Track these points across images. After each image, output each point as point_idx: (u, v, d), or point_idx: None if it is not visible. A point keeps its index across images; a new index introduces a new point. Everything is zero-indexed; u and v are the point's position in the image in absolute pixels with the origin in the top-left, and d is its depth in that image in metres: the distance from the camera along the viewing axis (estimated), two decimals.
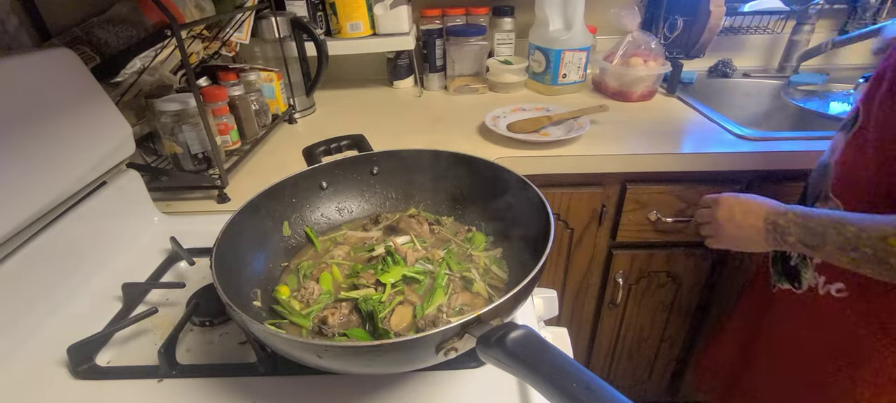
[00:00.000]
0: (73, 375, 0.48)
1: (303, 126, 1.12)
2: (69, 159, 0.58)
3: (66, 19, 0.73)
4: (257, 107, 0.96)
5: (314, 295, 0.52)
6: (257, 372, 0.47)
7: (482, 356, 0.35)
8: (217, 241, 0.47)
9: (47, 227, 0.56)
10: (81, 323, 0.53)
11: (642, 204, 0.95)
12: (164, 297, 0.59)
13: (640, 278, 1.06)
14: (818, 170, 0.68)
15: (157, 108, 0.75)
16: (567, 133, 0.94)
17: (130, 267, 0.63)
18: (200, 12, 0.85)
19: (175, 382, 0.47)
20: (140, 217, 0.72)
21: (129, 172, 0.71)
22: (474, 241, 0.61)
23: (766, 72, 1.38)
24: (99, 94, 0.65)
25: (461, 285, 0.53)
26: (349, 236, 0.63)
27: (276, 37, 1.06)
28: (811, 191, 0.69)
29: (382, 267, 0.55)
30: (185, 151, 0.79)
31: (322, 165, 0.63)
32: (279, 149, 0.98)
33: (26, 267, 0.53)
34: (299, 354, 0.39)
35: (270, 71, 1.03)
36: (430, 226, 0.63)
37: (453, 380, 0.47)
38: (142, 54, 0.74)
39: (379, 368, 0.42)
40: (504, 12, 1.28)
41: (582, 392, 0.28)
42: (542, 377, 0.30)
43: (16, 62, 0.55)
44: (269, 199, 0.57)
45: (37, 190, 0.53)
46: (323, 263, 0.58)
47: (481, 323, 0.36)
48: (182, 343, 0.52)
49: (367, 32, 1.19)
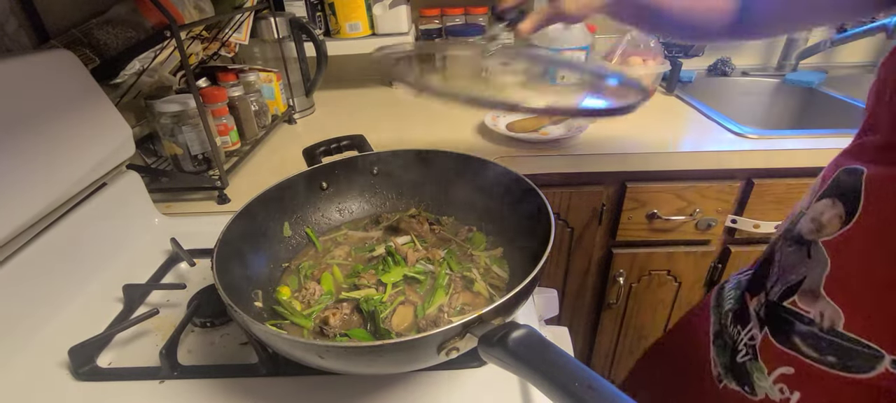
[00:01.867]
0: (75, 376, 0.48)
1: (302, 126, 1.12)
2: (69, 161, 0.58)
3: (65, 21, 0.73)
4: (257, 107, 0.96)
5: (315, 295, 0.52)
6: (259, 373, 0.47)
7: (484, 355, 0.35)
8: (218, 242, 0.47)
9: (48, 229, 0.56)
10: (82, 324, 0.53)
11: (642, 202, 0.95)
12: (165, 298, 0.59)
13: (640, 277, 1.07)
14: (792, 242, 0.49)
15: (157, 110, 0.75)
16: (567, 132, 0.95)
17: (131, 269, 0.63)
18: (200, 13, 0.85)
19: (177, 383, 0.47)
20: (140, 218, 0.72)
21: (130, 174, 0.71)
22: (475, 241, 0.61)
23: (764, 70, 1.38)
24: (99, 96, 0.65)
25: (462, 285, 0.54)
26: (350, 236, 0.63)
27: (275, 37, 1.06)
28: (780, 274, 0.49)
29: (383, 268, 0.55)
30: (185, 152, 0.79)
31: (322, 166, 0.63)
32: (279, 150, 0.98)
33: (27, 269, 0.53)
34: (301, 355, 0.39)
35: (270, 71, 1.03)
36: (431, 226, 0.63)
37: (455, 380, 0.47)
38: (141, 55, 0.74)
39: (380, 368, 0.42)
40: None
41: (584, 391, 0.28)
42: (543, 376, 0.30)
43: (15, 64, 0.55)
44: (269, 200, 0.57)
45: (37, 192, 0.53)
46: (324, 263, 0.58)
47: (483, 322, 0.36)
48: (183, 344, 0.52)
49: (366, 32, 1.19)
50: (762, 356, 0.50)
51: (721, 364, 0.56)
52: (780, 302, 0.48)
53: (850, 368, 0.43)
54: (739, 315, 0.55)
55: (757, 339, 0.50)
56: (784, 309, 0.48)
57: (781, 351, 0.47)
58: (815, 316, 0.45)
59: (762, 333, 0.50)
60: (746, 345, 0.52)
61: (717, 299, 0.62)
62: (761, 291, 0.52)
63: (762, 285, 0.52)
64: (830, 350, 0.44)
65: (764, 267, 0.54)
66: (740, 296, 0.57)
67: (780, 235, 0.53)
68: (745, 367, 0.52)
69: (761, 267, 0.54)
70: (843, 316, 0.43)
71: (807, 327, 0.45)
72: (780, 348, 0.48)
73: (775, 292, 0.49)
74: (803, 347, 0.46)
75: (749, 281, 0.56)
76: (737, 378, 0.53)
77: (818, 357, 0.45)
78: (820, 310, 0.44)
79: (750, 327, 0.52)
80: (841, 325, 0.43)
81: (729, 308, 0.58)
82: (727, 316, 0.58)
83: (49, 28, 0.70)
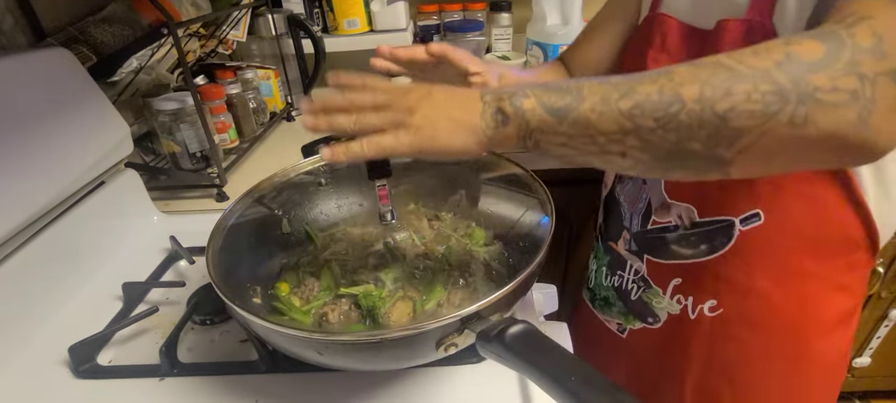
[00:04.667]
0: (75, 374, 0.48)
1: (301, 124, 1.12)
2: (67, 159, 0.58)
3: (62, 19, 0.73)
4: (255, 104, 0.95)
5: (314, 291, 0.52)
6: (258, 370, 0.48)
7: (482, 351, 0.35)
8: (211, 239, 0.47)
9: (46, 228, 0.56)
10: (82, 322, 0.53)
11: None
12: (165, 296, 0.59)
13: None
14: (627, 179, 0.59)
15: (155, 107, 0.75)
16: None
17: (130, 267, 0.63)
18: (197, 10, 0.85)
19: (176, 380, 0.47)
20: (139, 216, 0.72)
21: (128, 172, 0.71)
22: (474, 237, 0.61)
23: None
24: (96, 94, 0.65)
25: (461, 281, 0.54)
26: (348, 232, 0.63)
27: (273, 34, 1.05)
28: (630, 209, 0.58)
29: (381, 263, 0.55)
30: (183, 150, 0.78)
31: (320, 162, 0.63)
32: (277, 147, 0.98)
33: (26, 268, 0.53)
34: (300, 350, 0.39)
35: (268, 69, 1.03)
36: (430, 222, 0.63)
37: (454, 376, 0.47)
38: (138, 53, 0.74)
39: (379, 364, 0.43)
40: (501, 7, 1.27)
41: (581, 386, 0.28)
42: (542, 371, 0.30)
43: (12, 62, 0.55)
44: (267, 197, 0.57)
45: (35, 190, 0.53)
46: (322, 260, 0.58)
47: (481, 318, 0.36)
48: (183, 341, 0.52)
49: (364, 29, 1.19)
50: (653, 280, 0.57)
51: (617, 315, 0.64)
52: (644, 229, 0.56)
53: (717, 247, 0.51)
54: (613, 264, 0.63)
55: (642, 270, 0.58)
56: (649, 231, 0.56)
57: (666, 266, 0.55)
58: (675, 220, 0.53)
59: (644, 261, 0.58)
60: (634, 282, 0.60)
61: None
62: (622, 232, 0.60)
63: (620, 227, 0.60)
64: (699, 240, 0.52)
65: (611, 214, 0.62)
66: (605, 250, 0.65)
67: (610, 186, 0.62)
68: (642, 299, 0.59)
69: (608, 217, 0.63)
70: (695, 209, 0.51)
71: (674, 233, 0.53)
72: (664, 263, 0.55)
73: (635, 224, 0.58)
74: (680, 250, 0.53)
75: (604, 234, 0.65)
76: (638, 315, 0.61)
77: (693, 252, 0.52)
78: (676, 214, 0.52)
79: (629, 265, 0.60)
80: (697, 216, 0.51)
81: (595, 268, 0.67)
82: (597, 276, 0.67)
83: (45, 26, 0.70)
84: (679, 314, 0.57)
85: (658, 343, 0.60)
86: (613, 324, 0.66)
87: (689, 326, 0.56)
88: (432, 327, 0.35)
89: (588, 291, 0.71)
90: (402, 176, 0.67)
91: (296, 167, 0.61)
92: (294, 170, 0.60)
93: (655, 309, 0.59)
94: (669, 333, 0.59)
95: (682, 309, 0.56)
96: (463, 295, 0.52)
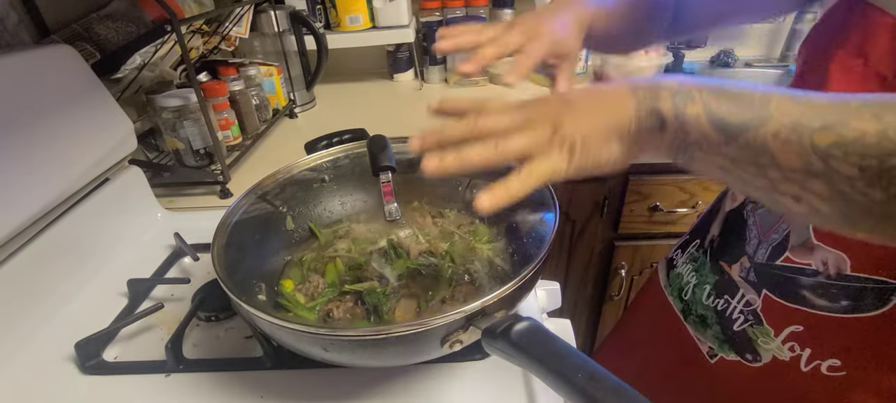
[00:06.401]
0: (82, 370, 0.48)
1: (303, 120, 1.12)
2: (71, 156, 0.58)
3: (66, 16, 0.73)
4: (258, 101, 0.95)
5: (318, 288, 0.52)
6: (264, 366, 0.48)
7: (487, 348, 0.35)
8: (215, 235, 0.47)
9: (51, 225, 0.57)
10: (88, 319, 0.53)
11: (644, 195, 0.95)
12: (170, 293, 0.59)
13: (642, 269, 1.07)
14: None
15: (158, 104, 0.75)
16: None
17: (135, 264, 0.64)
18: (199, 7, 0.85)
19: (182, 376, 0.47)
20: (143, 213, 0.72)
21: (132, 169, 0.71)
22: (477, 234, 0.61)
23: (768, 61, 1.37)
24: (100, 91, 0.65)
25: (465, 278, 0.54)
26: (352, 229, 0.63)
27: (276, 31, 1.05)
28: (760, 237, 0.49)
29: (386, 260, 0.55)
30: (186, 147, 0.79)
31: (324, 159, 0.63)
32: (280, 144, 0.98)
33: (31, 265, 0.53)
34: (305, 346, 0.39)
35: (270, 65, 1.03)
36: (433, 219, 0.63)
37: (458, 372, 0.47)
38: (142, 50, 0.74)
39: (384, 361, 0.43)
40: (504, 3, 1.27)
41: (587, 382, 0.28)
42: (547, 367, 0.31)
43: (16, 59, 0.55)
44: (270, 193, 0.57)
45: (39, 188, 0.53)
46: (326, 256, 0.58)
47: (486, 314, 0.36)
48: (188, 338, 0.52)
49: (367, 25, 1.19)
50: (767, 318, 0.48)
51: (711, 339, 0.54)
52: (772, 262, 0.47)
53: (862, 308, 0.41)
54: (720, 286, 0.54)
55: (755, 303, 0.49)
56: (779, 267, 0.47)
57: (789, 309, 0.46)
58: (818, 265, 0.43)
59: (761, 296, 0.49)
60: (741, 312, 0.51)
61: (668, 280, 0.62)
62: (741, 257, 0.51)
63: (740, 251, 0.51)
64: (842, 295, 0.42)
65: (732, 233, 0.53)
66: (713, 268, 0.55)
67: (740, 201, 0.53)
68: (746, 334, 0.50)
69: (729, 236, 0.53)
70: (848, 259, 0.41)
71: (811, 278, 0.44)
72: (787, 305, 0.46)
73: (761, 254, 0.48)
74: (813, 298, 0.44)
75: (717, 251, 0.55)
76: (736, 348, 0.51)
77: (829, 305, 0.43)
78: (821, 259, 0.43)
79: (741, 294, 0.51)
80: (848, 268, 0.41)
81: (695, 282, 0.57)
82: (696, 291, 0.57)
83: (49, 23, 0.70)
84: (788, 361, 0.46)
85: (752, 382, 0.50)
86: (705, 346, 0.55)
87: (798, 377, 0.46)
88: (437, 324, 0.35)
89: (680, 301, 0.59)
90: (403, 173, 0.67)
91: (299, 163, 0.61)
92: (297, 166, 0.60)
93: (760, 348, 0.49)
94: (770, 376, 0.49)
95: (792, 358, 0.46)
96: (467, 292, 0.52)
